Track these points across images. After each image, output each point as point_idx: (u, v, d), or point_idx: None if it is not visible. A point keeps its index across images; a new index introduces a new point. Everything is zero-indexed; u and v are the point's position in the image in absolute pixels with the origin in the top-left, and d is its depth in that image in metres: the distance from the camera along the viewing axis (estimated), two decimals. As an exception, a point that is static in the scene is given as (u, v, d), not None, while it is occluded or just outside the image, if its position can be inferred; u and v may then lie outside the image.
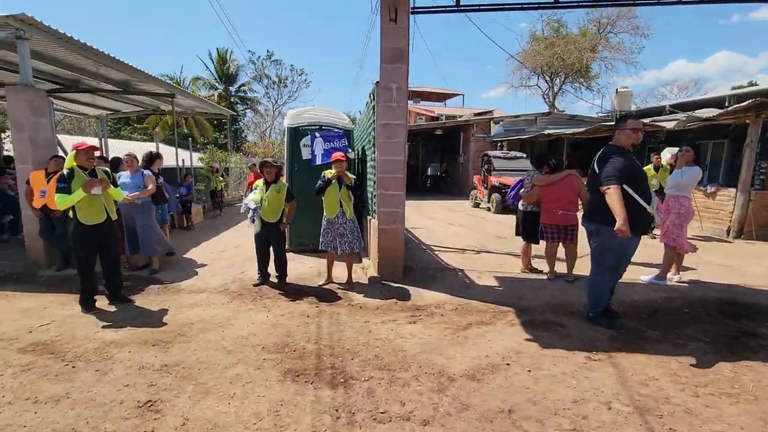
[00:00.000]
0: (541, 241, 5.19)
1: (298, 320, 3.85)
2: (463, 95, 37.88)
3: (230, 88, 32.52)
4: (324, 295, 4.67)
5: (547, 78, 25.66)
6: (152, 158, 6.08)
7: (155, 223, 5.65)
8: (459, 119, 20.02)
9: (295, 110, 6.42)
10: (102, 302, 4.28)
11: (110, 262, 4.21)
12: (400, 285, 4.90)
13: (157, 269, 5.59)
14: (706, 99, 15.79)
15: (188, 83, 30.55)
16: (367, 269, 5.45)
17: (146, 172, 5.58)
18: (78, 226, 3.90)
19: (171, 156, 11.14)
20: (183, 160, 11.15)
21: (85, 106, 13.09)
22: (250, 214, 4.77)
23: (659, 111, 17.61)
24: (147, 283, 5.12)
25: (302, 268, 5.81)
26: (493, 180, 12.82)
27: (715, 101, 14.00)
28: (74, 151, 3.88)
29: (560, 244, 4.98)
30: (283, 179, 5.55)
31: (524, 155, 13.77)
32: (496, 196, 12.54)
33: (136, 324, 3.74)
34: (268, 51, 42.07)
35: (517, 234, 5.55)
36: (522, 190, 5.23)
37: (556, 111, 19.24)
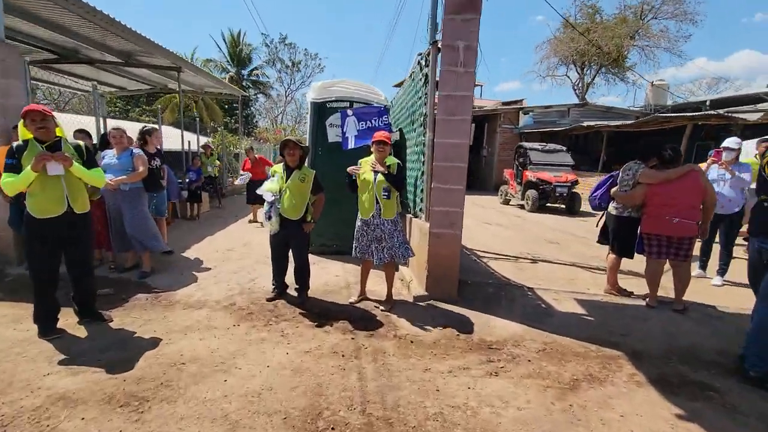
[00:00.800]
0: (634, 254, 4.03)
1: (331, 362, 2.75)
2: (482, 86, 36.30)
3: (242, 71, 31.44)
4: (359, 317, 3.56)
5: (578, 68, 24.06)
6: (144, 136, 4.97)
7: (148, 214, 4.56)
8: (483, 109, 18.67)
9: (320, 82, 5.27)
10: (69, 319, 3.23)
11: (77, 264, 3.11)
12: (457, 308, 3.77)
13: (149, 271, 4.53)
14: (751, 94, 14.33)
15: (200, 65, 29.48)
16: (409, 283, 4.32)
17: (136, 151, 4.48)
18: (29, 222, 2.81)
19: (177, 139, 10.06)
20: (189, 142, 10.06)
21: (86, 81, 12.10)
22: (266, 208, 3.66)
23: (698, 107, 16.13)
24: (133, 290, 4.06)
25: (326, 276, 4.71)
26: (529, 175, 11.56)
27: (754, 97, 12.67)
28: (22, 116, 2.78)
29: (667, 261, 3.81)
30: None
31: (564, 148, 12.46)
32: (532, 192, 11.29)
33: (105, 361, 2.66)
34: (281, 34, 40.83)
35: (601, 242, 4.37)
36: (615, 189, 4.04)
37: (590, 103, 17.78)
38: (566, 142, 17.28)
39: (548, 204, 11.55)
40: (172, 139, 10.36)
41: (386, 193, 3.57)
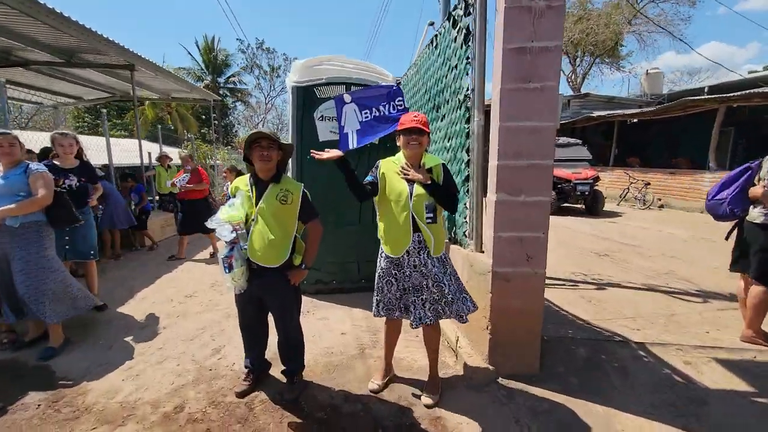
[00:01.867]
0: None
1: None
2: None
3: (219, 79, 29.80)
4: (390, 423, 2.11)
5: (571, 59, 23.09)
6: (46, 152, 3.43)
7: (52, 262, 3.00)
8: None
9: (304, 60, 3.81)
10: None
11: None
12: (545, 392, 2.34)
13: (56, 347, 2.99)
14: (749, 78, 13.36)
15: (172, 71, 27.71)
16: (455, 344, 2.87)
17: (34, 166, 2.93)
18: None
19: (135, 151, 8.42)
20: (149, 153, 8.48)
21: (39, 93, 10.42)
22: (223, 252, 2.16)
23: (698, 92, 15.14)
24: (25, 385, 2.53)
25: (327, 335, 3.23)
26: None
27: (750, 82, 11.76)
28: None
29: None
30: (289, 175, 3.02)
31: (579, 141, 11.20)
32: (549, 192, 9.96)
33: None
34: (257, 39, 39.31)
35: (737, 269, 2.99)
36: (758, 187, 2.68)
37: (591, 93, 16.68)
38: (564, 135, 16.13)
39: (566, 204, 10.27)
40: (128, 154, 8.71)
41: (430, 215, 2.14)
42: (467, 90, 2.70)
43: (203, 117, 26.58)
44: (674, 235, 7.27)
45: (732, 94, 9.13)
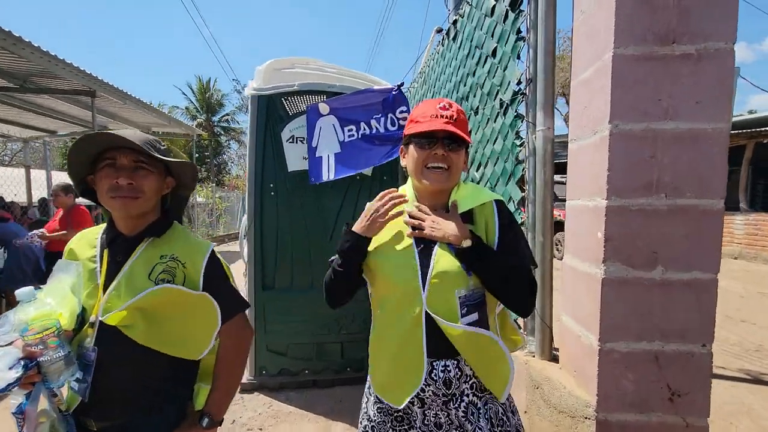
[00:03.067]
0: None
1: None
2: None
3: (213, 118, 29.65)
4: None
5: (567, 99, 22.88)
6: None
7: None
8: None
9: (269, 62, 2.74)
10: None
11: None
12: None
13: None
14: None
15: (166, 112, 27.46)
16: None
17: None
18: None
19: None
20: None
21: (9, 125, 9.42)
22: (14, 404, 0.96)
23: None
24: None
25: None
26: (558, 214, 9.22)
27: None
28: None
29: None
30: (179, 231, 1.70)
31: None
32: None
33: None
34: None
35: None
36: None
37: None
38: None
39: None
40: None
41: (472, 315, 0.93)
42: (520, 83, 1.61)
43: (197, 155, 25.96)
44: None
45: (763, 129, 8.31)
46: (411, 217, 0.99)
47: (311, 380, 2.86)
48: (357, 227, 0.99)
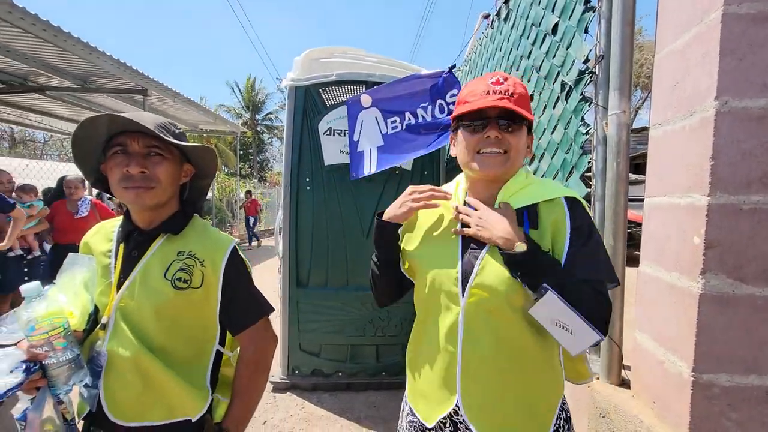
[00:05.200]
0: None
1: None
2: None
3: (257, 116, 30.71)
4: None
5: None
6: None
7: None
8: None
9: (306, 52, 2.64)
10: None
11: None
12: None
13: None
14: None
15: (213, 110, 28.79)
16: None
17: None
18: None
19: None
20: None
21: (56, 120, 10.15)
22: (21, 409, 0.89)
23: None
24: None
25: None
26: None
27: None
28: None
29: None
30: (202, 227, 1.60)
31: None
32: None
33: None
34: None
35: None
36: None
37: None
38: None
39: (637, 252, 8.49)
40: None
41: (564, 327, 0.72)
42: (587, 61, 1.38)
43: (241, 152, 27.01)
44: None
45: None
46: (458, 212, 0.83)
47: (345, 383, 2.75)
48: (387, 212, 0.89)
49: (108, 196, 3.61)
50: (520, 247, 0.74)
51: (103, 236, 0.97)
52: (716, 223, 0.91)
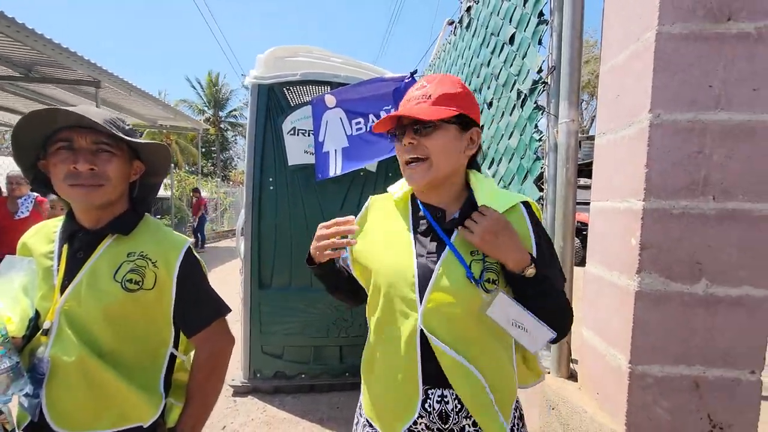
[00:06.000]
0: None
1: None
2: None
3: (220, 113, 29.73)
4: None
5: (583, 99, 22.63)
6: None
7: None
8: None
9: (270, 50, 2.61)
10: None
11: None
12: None
13: None
14: None
15: (173, 105, 27.57)
16: None
17: None
18: None
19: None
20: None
21: (13, 114, 9.39)
22: None
23: None
24: None
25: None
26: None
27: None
28: None
29: None
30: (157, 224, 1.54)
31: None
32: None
33: None
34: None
35: None
36: None
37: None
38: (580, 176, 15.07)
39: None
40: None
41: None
42: (540, 71, 1.46)
43: (203, 150, 26.05)
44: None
45: None
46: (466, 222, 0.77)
47: (308, 385, 2.73)
48: (310, 254, 0.91)
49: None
50: (530, 271, 0.73)
51: (43, 236, 0.92)
52: (650, 226, 0.99)
